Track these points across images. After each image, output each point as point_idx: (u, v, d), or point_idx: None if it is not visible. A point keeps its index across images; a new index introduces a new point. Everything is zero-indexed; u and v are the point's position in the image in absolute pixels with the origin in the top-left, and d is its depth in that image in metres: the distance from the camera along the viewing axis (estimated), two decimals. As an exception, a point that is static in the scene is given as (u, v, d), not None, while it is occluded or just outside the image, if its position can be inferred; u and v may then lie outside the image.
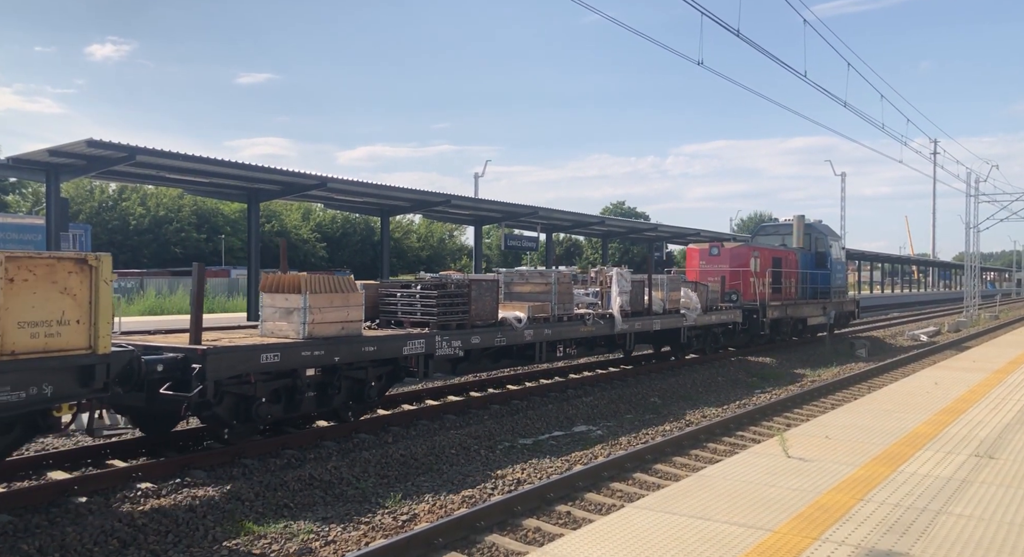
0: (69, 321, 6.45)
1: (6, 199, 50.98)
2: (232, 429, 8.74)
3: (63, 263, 6.41)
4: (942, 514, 5.37)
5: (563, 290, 13.55)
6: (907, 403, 10.11)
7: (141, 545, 6.30)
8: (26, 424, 6.72)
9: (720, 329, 19.05)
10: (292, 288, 9.13)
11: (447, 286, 11.36)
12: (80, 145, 14.80)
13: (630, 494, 7.92)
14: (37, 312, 6.22)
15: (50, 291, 6.31)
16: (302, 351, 8.80)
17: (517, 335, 12.18)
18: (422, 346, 10.40)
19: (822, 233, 25.59)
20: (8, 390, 6.04)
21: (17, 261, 6.10)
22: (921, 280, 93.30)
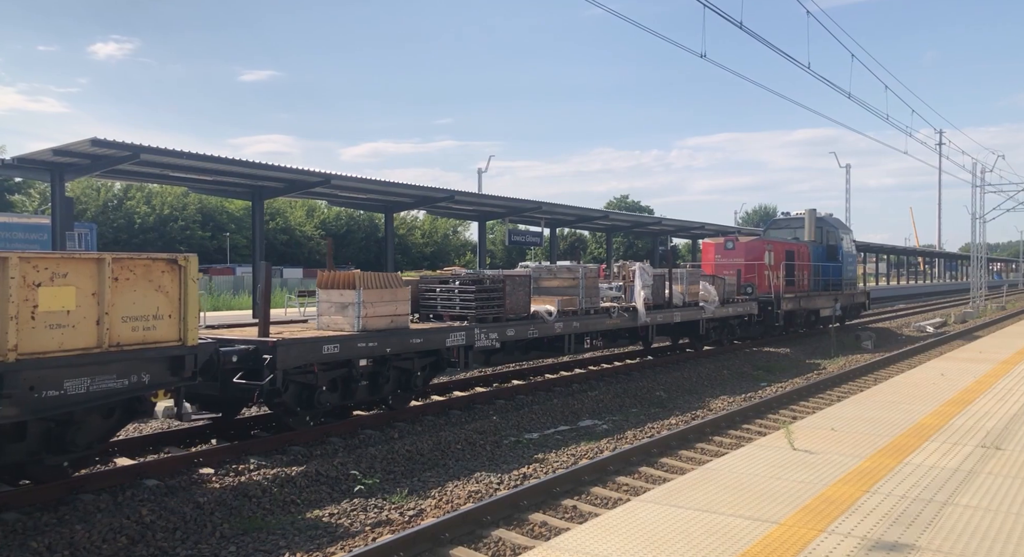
0: (163, 316, 7.19)
1: (12, 199, 51.18)
2: (296, 416, 9.27)
3: (157, 263, 7.17)
4: (948, 505, 5.37)
5: (590, 285, 14.07)
6: (913, 394, 10.09)
7: (149, 542, 6.33)
8: (124, 409, 7.32)
9: (736, 321, 19.50)
10: (347, 284, 9.85)
11: (483, 281, 11.95)
12: (84, 144, 14.83)
13: (636, 488, 7.92)
14: (137, 308, 6.96)
15: (147, 289, 7.06)
16: (358, 343, 9.49)
17: (548, 327, 12.75)
18: (463, 338, 11.03)
19: (833, 226, 25.98)
20: (114, 378, 6.77)
21: (120, 262, 6.86)
22: (927, 271, 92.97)
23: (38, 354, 6.24)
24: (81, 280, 6.59)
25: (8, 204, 49.42)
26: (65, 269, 6.46)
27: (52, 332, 6.35)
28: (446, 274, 13.25)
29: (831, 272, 25.09)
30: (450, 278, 12.30)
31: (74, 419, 6.90)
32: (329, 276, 10.11)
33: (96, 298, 6.66)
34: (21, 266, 6.12)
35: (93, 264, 6.67)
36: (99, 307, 6.67)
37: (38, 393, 6.27)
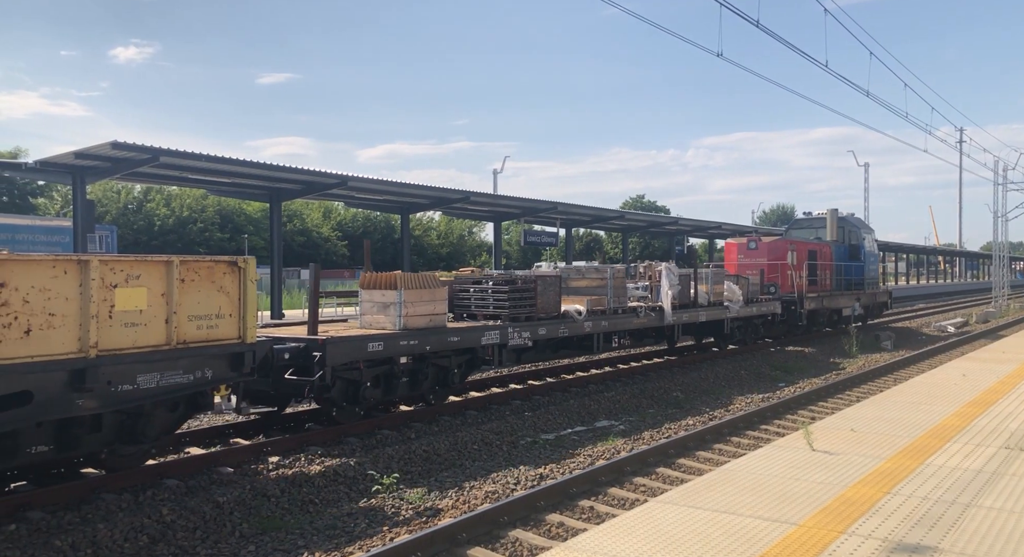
0: (224, 315, 7.63)
1: (35, 202, 51.87)
2: (343, 410, 9.68)
3: (219, 265, 7.62)
4: (972, 507, 5.30)
5: (618, 285, 14.32)
6: (934, 395, 9.98)
7: (170, 541, 6.40)
8: (187, 403, 7.75)
9: (760, 320, 19.67)
10: (388, 285, 10.30)
11: (516, 282, 12.34)
12: (105, 147, 15.03)
13: (653, 489, 7.89)
14: (201, 307, 7.41)
15: (210, 289, 7.50)
16: (400, 341, 9.90)
17: (577, 327, 13.02)
18: (497, 336, 11.38)
19: (855, 226, 26.17)
20: (181, 373, 7.23)
21: (187, 264, 7.31)
22: (948, 271, 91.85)
23: (115, 351, 6.69)
24: (152, 281, 7.04)
25: (31, 207, 50.10)
26: (138, 271, 6.93)
27: (127, 330, 6.82)
28: (478, 275, 13.61)
29: (853, 271, 25.25)
30: (483, 278, 12.72)
31: (144, 412, 7.33)
32: (371, 277, 10.52)
33: (165, 298, 7.13)
34: (100, 268, 6.59)
35: (163, 266, 7.12)
36: (168, 307, 7.14)
37: (115, 387, 6.70)
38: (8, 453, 6.44)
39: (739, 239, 23.27)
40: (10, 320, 6.04)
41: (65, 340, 6.40)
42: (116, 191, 54.73)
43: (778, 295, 20.52)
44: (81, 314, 6.50)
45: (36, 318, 6.23)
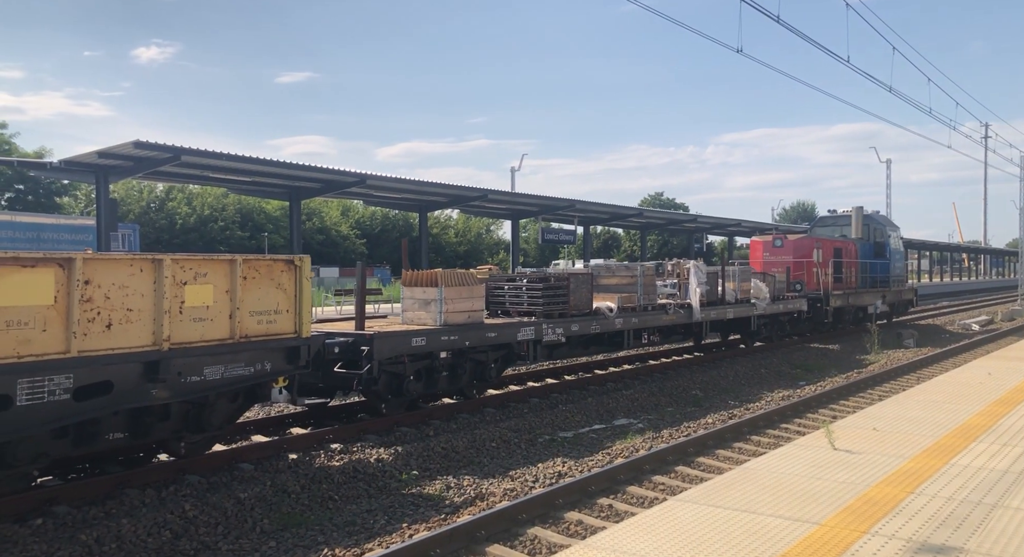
0: (282, 310, 8.06)
1: (60, 201, 52.61)
2: (388, 403, 10.07)
3: (277, 263, 8.06)
4: (998, 508, 5.22)
5: (647, 282, 14.63)
6: (959, 394, 9.83)
7: (192, 536, 6.47)
8: (247, 394, 8.14)
9: (786, 317, 19.84)
10: (429, 282, 10.68)
11: (549, 279, 12.67)
12: (127, 147, 15.21)
13: (672, 487, 7.86)
14: (261, 303, 7.85)
15: (269, 286, 7.94)
16: (441, 336, 10.28)
17: (609, 323, 13.33)
18: (532, 332, 11.75)
19: (880, 224, 26.24)
20: (243, 365, 7.67)
21: (249, 263, 7.75)
22: (972, 268, 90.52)
23: (184, 344, 7.15)
24: (218, 279, 7.47)
25: (56, 206, 50.81)
26: (205, 269, 7.36)
27: (195, 325, 7.26)
28: (499, 273, 14.06)
29: (879, 269, 25.30)
30: (517, 277, 13.11)
31: (208, 402, 7.70)
32: (413, 275, 10.92)
33: (229, 295, 7.56)
34: (172, 267, 7.05)
35: (227, 265, 7.56)
36: (231, 303, 7.57)
37: (184, 378, 7.16)
38: (90, 438, 6.86)
39: (764, 237, 23.44)
40: (94, 314, 6.50)
41: (141, 334, 6.86)
42: (138, 190, 55.41)
43: (804, 293, 20.67)
44: (155, 309, 6.94)
45: (116, 313, 6.67)
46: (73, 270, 6.38)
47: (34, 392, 6.11)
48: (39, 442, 6.48)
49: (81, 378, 6.40)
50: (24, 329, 6.09)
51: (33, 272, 6.17)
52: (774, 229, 41.28)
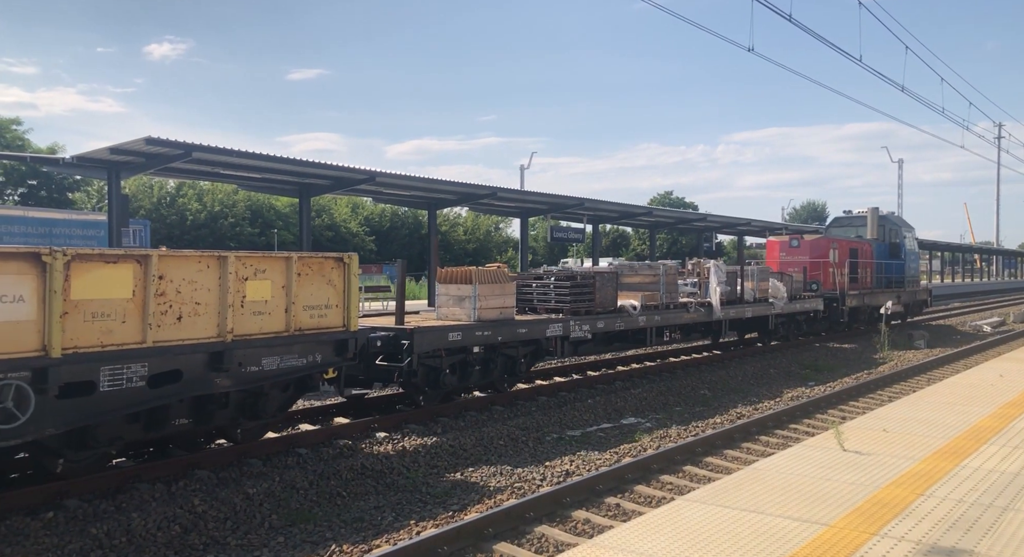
0: (331, 305, 8.50)
1: (72, 197, 52.95)
2: (426, 395, 10.56)
3: (328, 261, 8.49)
4: (1009, 510, 5.18)
5: (670, 281, 15.11)
6: (970, 396, 9.77)
7: (202, 531, 6.50)
8: (297, 384, 8.58)
9: (803, 317, 20.20)
10: (464, 279, 11.14)
11: (576, 277, 13.09)
12: (139, 143, 15.27)
13: (680, 487, 7.84)
14: (313, 298, 8.29)
15: (320, 282, 8.37)
16: (476, 331, 10.71)
17: (632, 321, 13.72)
18: (560, 329, 12.14)
19: (896, 224, 26.40)
20: (296, 357, 8.13)
21: (303, 260, 8.20)
22: (984, 269, 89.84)
23: (245, 336, 7.63)
24: (275, 275, 7.94)
25: (68, 201, 51.14)
26: (264, 266, 7.84)
27: (255, 318, 7.75)
28: (539, 271, 14.46)
29: (894, 270, 25.48)
30: (544, 274, 13.70)
31: (264, 391, 8.17)
32: (448, 272, 11.44)
33: (285, 290, 8.03)
34: (235, 263, 7.50)
35: (284, 262, 8.03)
36: (287, 297, 8.03)
37: (244, 368, 7.65)
38: (159, 423, 7.34)
39: (781, 237, 23.73)
40: (167, 307, 7.00)
41: (207, 326, 7.32)
42: (150, 186, 55.68)
43: (820, 292, 20.98)
44: (220, 303, 7.41)
45: (186, 306, 7.16)
46: (149, 266, 6.85)
47: (114, 379, 6.62)
48: (116, 426, 6.98)
49: (155, 367, 6.91)
50: (106, 320, 6.57)
51: (115, 267, 6.64)
52: (784, 228, 41.10)
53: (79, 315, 6.39)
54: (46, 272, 6.19)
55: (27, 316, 6.09)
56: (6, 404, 5.92)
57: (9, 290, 5.98)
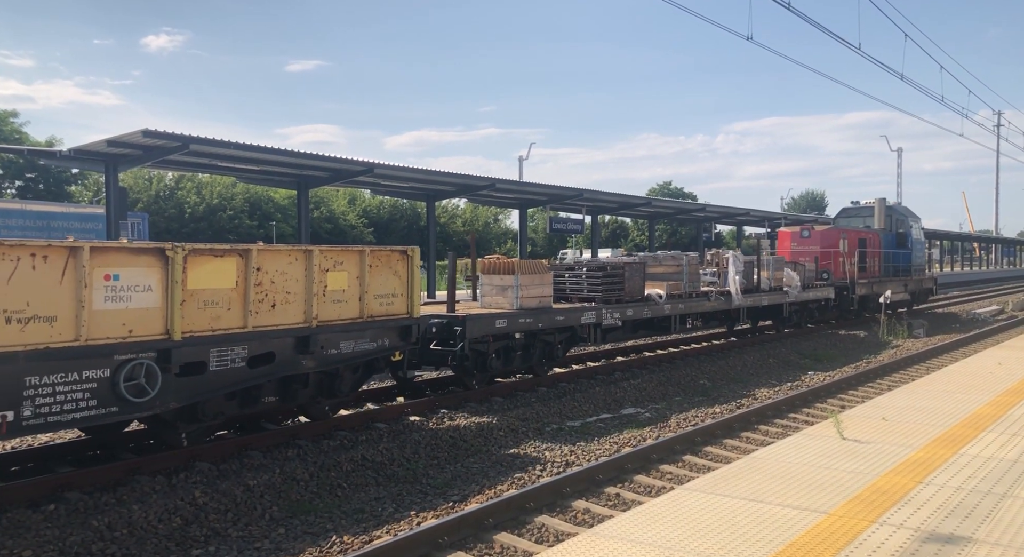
0: (397, 294, 9.31)
1: (70, 190, 52.83)
2: (476, 378, 11.29)
3: (394, 253, 9.30)
4: (1007, 497, 5.20)
5: (692, 271, 15.71)
6: (969, 384, 9.79)
7: (203, 523, 6.52)
8: (366, 367, 9.38)
9: (815, 305, 20.85)
10: (506, 270, 11.86)
11: (606, 268, 13.74)
12: (136, 135, 15.23)
13: (680, 476, 7.87)
14: (382, 288, 9.10)
15: (388, 273, 9.19)
16: (519, 318, 11.41)
17: (659, 309, 14.40)
18: (593, 316, 12.83)
19: (903, 215, 27.07)
20: (368, 341, 8.95)
21: (374, 253, 9.01)
22: (983, 258, 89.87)
23: (327, 322, 8.42)
24: (351, 267, 8.71)
25: (67, 194, 51.03)
26: (342, 259, 8.61)
27: (334, 305, 8.53)
28: (571, 262, 15.03)
29: (901, 259, 26.11)
30: (575, 265, 14.39)
31: (339, 372, 8.94)
32: (490, 264, 12.15)
33: (359, 280, 8.81)
34: (319, 256, 8.26)
35: (358, 255, 8.82)
36: (361, 287, 8.82)
37: (326, 350, 8.45)
38: (252, 400, 8.13)
39: (792, 228, 24.43)
40: (263, 296, 7.78)
41: (296, 313, 8.12)
42: (148, 178, 55.55)
43: (831, 281, 21.54)
44: (306, 292, 8.19)
45: (278, 295, 7.94)
46: (250, 259, 7.61)
47: (221, 360, 7.44)
48: (219, 402, 7.79)
49: (253, 349, 7.72)
50: (215, 308, 7.36)
51: (222, 260, 7.40)
52: (783, 218, 41.07)
53: (194, 303, 7.18)
54: (168, 265, 6.95)
55: (154, 304, 6.90)
56: (139, 380, 6.73)
57: (140, 281, 6.80)
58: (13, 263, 5.99)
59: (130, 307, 6.72)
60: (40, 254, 6.16)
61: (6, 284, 5.94)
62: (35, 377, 6.06)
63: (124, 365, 6.63)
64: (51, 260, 6.23)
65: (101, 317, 6.51)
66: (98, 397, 6.49)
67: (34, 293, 6.09)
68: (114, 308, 6.61)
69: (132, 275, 6.72)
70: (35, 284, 6.11)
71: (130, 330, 6.72)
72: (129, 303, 6.71)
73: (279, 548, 6.11)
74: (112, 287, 6.59)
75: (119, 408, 6.66)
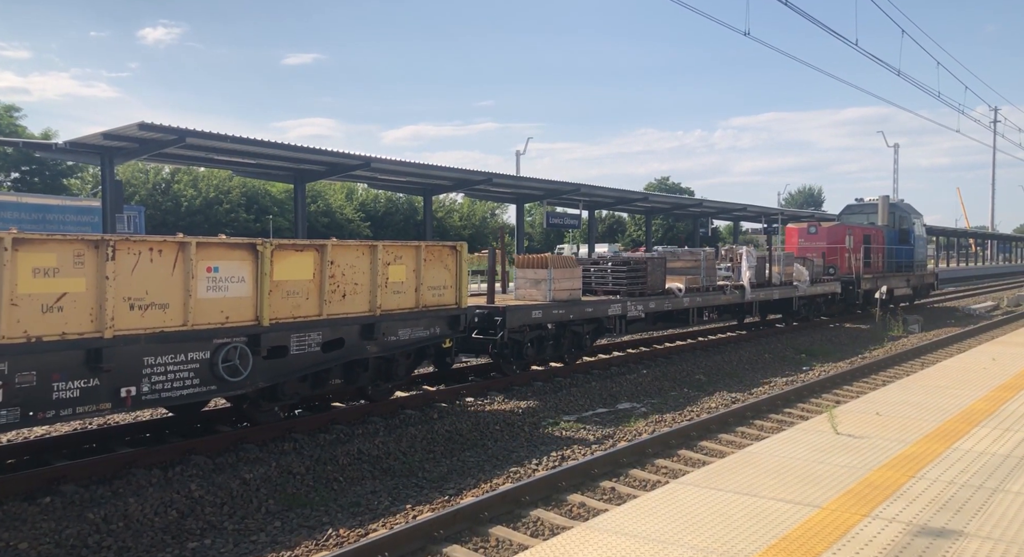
0: (447, 286, 10.05)
1: (66, 183, 52.64)
2: (511, 365, 11.97)
3: (445, 248, 10.06)
4: (999, 492, 5.24)
5: (709, 265, 16.43)
6: (962, 379, 9.83)
7: (199, 516, 6.54)
8: (418, 353, 10.15)
9: (822, 299, 21.61)
10: (540, 265, 12.63)
11: (630, 262, 14.48)
12: (132, 128, 15.17)
13: (675, 470, 7.90)
14: (434, 280, 9.84)
15: (439, 267, 9.95)
16: (553, 310, 12.16)
17: (678, 302, 15.10)
18: (619, 308, 13.55)
19: (905, 212, 27.72)
20: (422, 329, 9.71)
21: (428, 248, 9.74)
22: (979, 254, 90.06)
23: (388, 311, 9.21)
24: (408, 260, 9.47)
25: (63, 187, 50.84)
26: (401, 253, 9.36)
27: (394, 296, 9.32)
28: (596, 257, 15.81)
29: (903, 254, 26.71)
30: (600, 260, 15.17)
31: (395, 358, 9.72)
32: (525, 258, 13.01)
33: (415, 273, 9.58)
34: (382, 251, 9.04)
35: (414, 250, 9.56)
36: (417, 279, 9.60)
37: (387, 337, 9.24)
38: (322, 382, 8.92)
39: (800, 224, 25.24)
40: (335, 287, 8.55)
41: (362, 302, 8.91)
42: (144, 171, 55.36)
43: (837, 276, 22.26)
44: (371, 284, 8.99)
45: (348, 286, 8.72)
46: (325, 253, 8.37)
47: (300, 344, 8.22)
48: (295, 384, 8.56)
49: (327, 335, 8.49)
50: (296, 297, 8.16)
51: (302, 255, 8.20)
52: (780, 214, 41.09)
53: (279, 293, 7.97)
54: (258, 258, 7.72)
55: (246, 293, 7.70)
56: (234, 362, 7.52)
57: (235, 273, 7.59)
58: (136, 257, 6.81)
59: (227, 296, 7.52)
60: (156, 248, 6.97)
61: (130, 275, 6.76)
62: (152, 357, 6.92)
63: (221, 348, 7.44)
64: (164, 254, 7.03)
65: (204, 304, 7.31)
66: (200, 376, 7.31)
67: (151, 283, 6.92)
68: (214, 297, 7.42)
69: (229, 267, 7.52)
70: (152, 275, 6.93)
71: (227, 316, 7.51)
72: (226, 292, 7.51)
73: (275, 541, 6.13)
74: (213, 278, 7.40)
75: (217, 386, 7.48)
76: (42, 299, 6.23)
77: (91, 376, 6.50)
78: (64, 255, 6.37)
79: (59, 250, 6.35)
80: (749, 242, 38.23)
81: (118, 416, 9.59)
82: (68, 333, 6.36)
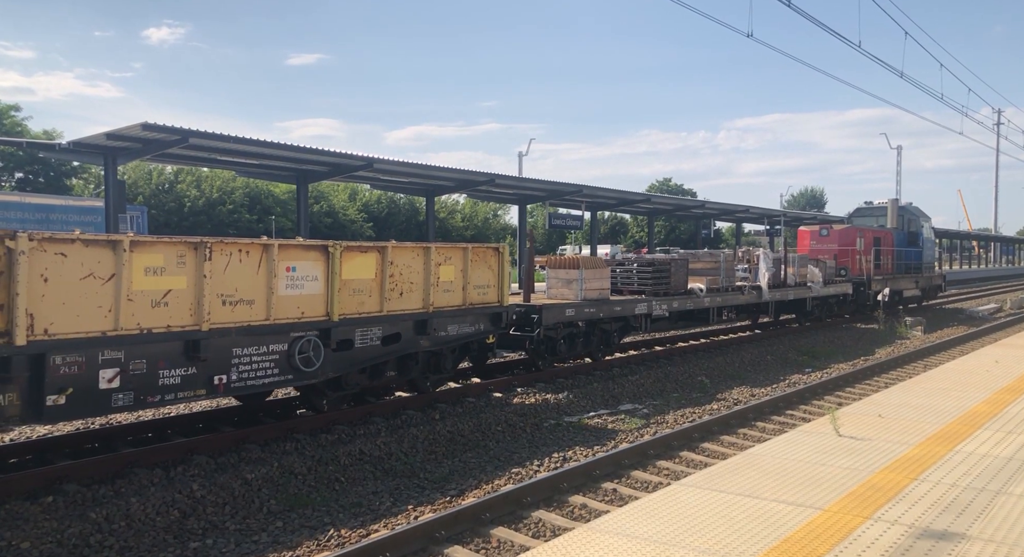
0: (490, 285, 10.70)
1: (69, 183, 52.73)
2: (546, 360, 12.58)
3: (489, 250, 10.74)
4: (1002, 494, 5.22)
5: (728, 266, 17.04)
6: (965, 382, 9.81)
7: (200, 516, 6.54)
8: (462, 348, 10.79)
9: (834, 299, 22.15)
10: (571, 265, 13.18)
11: (655, 263, 15.07)
12: (135, 128, 15.20)
13: (676, 472, 7.89)
14: (479, 279, 10.50)
15: (483, 267, 10.60)
16: (584, 308, 12.68)
17: (699, 301, 15.68)
18: (645, 307, 14.11)
19: (914, 214, 28.24)
20: (468, 325, 10.33)
21: (474, 249, 10.42)
22: (982, 256, 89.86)
23: (439, 308, 9.83)
24: (456, 261, 10.11)
25: (66, 187, 50.93)
26: (450, 254, 10.01)
27: (444, 294, 9.94)
28: (620, 259, 16.32)
29: (912, 256, 27.24)
30: (625, 261, 15.71)
31: (444, 352, 10.29)
32: (557, 259, 13.60)
33: (463, 273, 10.20)
34: (434, 252, 9.66)
35: (462, 251, 10.19)
36: (464, 278, 10.21)
37: (437, 332, 9.88)
38: (378, 374, 9.47)
39: (812, 227, 25.76)
40: (394, 285, 9.19)
41: (417, 300, 9.54)
42: (148, 172, 55.44)
43: (849, 277, 22.84)
44: (424, 282, 9.60)
45: (405, 285, 9.35)
46: (386, 254, 8.99)
47: (363, 338, 8.87)
48: (356, 375, 9.13)
49: (386, 330, 9.14)
50: (360, 295, 8.79)
51: (365, 255, 8.83)
52: (783, 216, 41.05)
53: (346, 290, 8.57)
54: (329, 258, 8.33)
55: (319, 290, 8.32)
56: (308, 353, 8.13)
57: (310, 272, 8.23)
58: (228, 257, 7.42)
59: (302, 293, 8.14)
60: (244, 250, 7.59)
61: (223, 274, 7.37)
62: (239, 348, 7.57)
63: (297, 341, 8.07)
64: (251, 255, 7.63)
65: (283, 301, 7.95)
66: (279, 366, 7.97)
67: (240, 281, 7.54)
68: (292, 294, 8.05)
69: (305, 267, 8.14)
70: (241, 274, 7.55)
71: (302, 312, 8.13)
72: (302, 290, 8.14)
73: (277, 541, 6.14)
74: (291, 277, 8.03)
75: (293, 376, 8.12)
76: (152, 295, 6.86)
77: (190, 365, 7.13)
78: (169, 256, 6.98)
79: (165, 251, 6.97)
80: (752, 243, 38.25)
81: (118, 416, 9.60)
82: (172, 326, 7.00)
